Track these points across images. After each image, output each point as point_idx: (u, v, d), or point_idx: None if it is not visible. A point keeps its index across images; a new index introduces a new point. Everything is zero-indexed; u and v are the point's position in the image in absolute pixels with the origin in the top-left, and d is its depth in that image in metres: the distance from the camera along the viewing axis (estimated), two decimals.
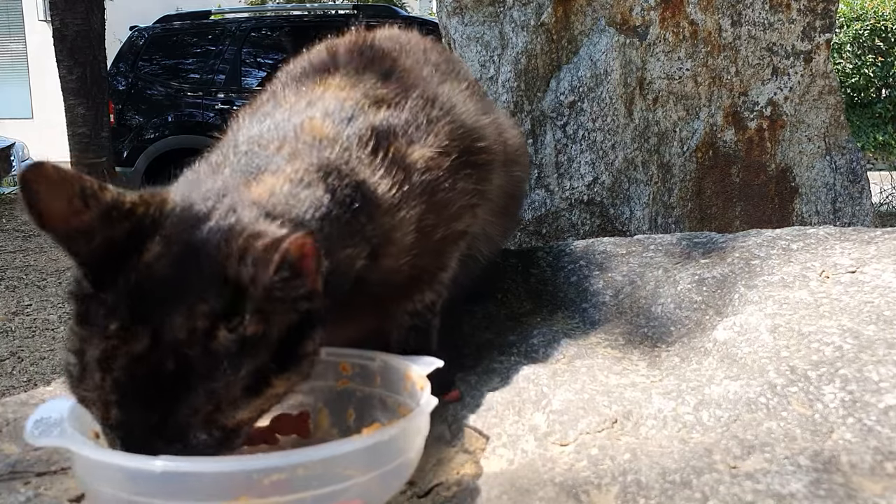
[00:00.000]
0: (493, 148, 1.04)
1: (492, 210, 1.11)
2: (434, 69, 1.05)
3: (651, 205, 2.27)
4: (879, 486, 0.66)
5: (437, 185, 0.90)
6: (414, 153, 0.90)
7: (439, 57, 1.13)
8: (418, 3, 16.55)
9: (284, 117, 0.88)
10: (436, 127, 0.93)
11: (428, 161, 0.90)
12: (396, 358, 0.89)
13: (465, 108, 1.01)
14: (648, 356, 1.05)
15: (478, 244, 1.14)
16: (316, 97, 0.92)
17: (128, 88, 6.36)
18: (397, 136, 0.90)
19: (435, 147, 0.92)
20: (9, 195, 5.01)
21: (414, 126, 0.92)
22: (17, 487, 0.82)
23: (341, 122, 0.87)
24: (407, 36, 1.14)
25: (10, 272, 3.17)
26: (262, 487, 0.62)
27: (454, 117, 0.97)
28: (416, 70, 1.01)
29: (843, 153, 2.39)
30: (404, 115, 0.92)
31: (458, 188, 0.94)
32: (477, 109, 1.04)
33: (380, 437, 0.68)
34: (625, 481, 0.73)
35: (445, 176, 0.92)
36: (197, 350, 0.61)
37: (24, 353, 2.37)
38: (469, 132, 0.98)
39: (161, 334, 0.61)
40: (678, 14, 2.25)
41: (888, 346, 0.85)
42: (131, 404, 0.62)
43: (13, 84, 13.43)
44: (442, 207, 0.92)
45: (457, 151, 0.94)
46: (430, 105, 0.95)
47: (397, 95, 0.94)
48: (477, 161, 0.98)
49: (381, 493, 0.71)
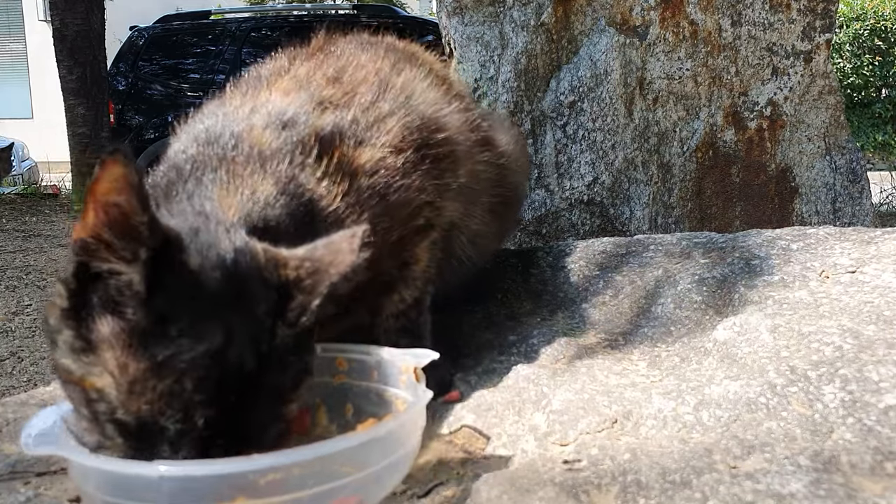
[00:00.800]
0: (455, 138, 0.99)
1: (470, 202, 1.06)
2: (392, 60, 1.00)
3: (651, 205, 2.27)
4: (879, 486, 0.66)
5: (389, 186, 0.86)
6: (362, 156, 0.86)
7: (403, 48, 1.08)
8: (418, 4, 16.55)
9: (226, 122, 0.84)
10: (387, 123, 0.89)
11: (378, 162, 0.86)
12: (392, 351, 0.89)
13: (423, 98, 0.96)
14: (648, 356, 1.05)
15: (461, 241, 1.10)
16: (260, 103, 0.88)
17: (128, 88, 6.36)
18: (343, 140, 0.85)
19: (386, 146, 0.88)
20: (9, 195, 5.01)
21: (363, 125, 0.88)
22: (17, 487, 0.82)
23: (281, 129, 0.83)
24: (375, 38, 1.10)
25: (10, 272, 3.17)
26: (259, 488, 0.62)
27: (409, 109, 0.93)
28: (368, 65, 0.97)
29: (843, 153, 2.39)
30: (350, 115, 0.88)
31: (415, 186, 0.90)
32: (438, 98, 0.99)
33: (375, 433, 0.68)
34: (625, 481, 0.73)
35: (400, 175, 0.88)
36: (265, 347, 0.64)
37: (24, 353, 2.37)
38: (427, 123, 0.94)
39: (233, 332, 0.61)
40: (678, 14, 2.25)
41: (888, 346, 0.85)
42: (218, 403, 0.60)
43: (13, 84, 13.43)
44: (396, 208, 0.88)
45: (413, 146, 0.90)
46: (382, 99, 0.91)
47: (345, 95, 0.90)
48: (438, 154, 0.94)
49: (378, 488, 0.71)
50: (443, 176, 0.95)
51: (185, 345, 0.59)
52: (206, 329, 0.60)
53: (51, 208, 4.67)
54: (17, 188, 5.76)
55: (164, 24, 6.67)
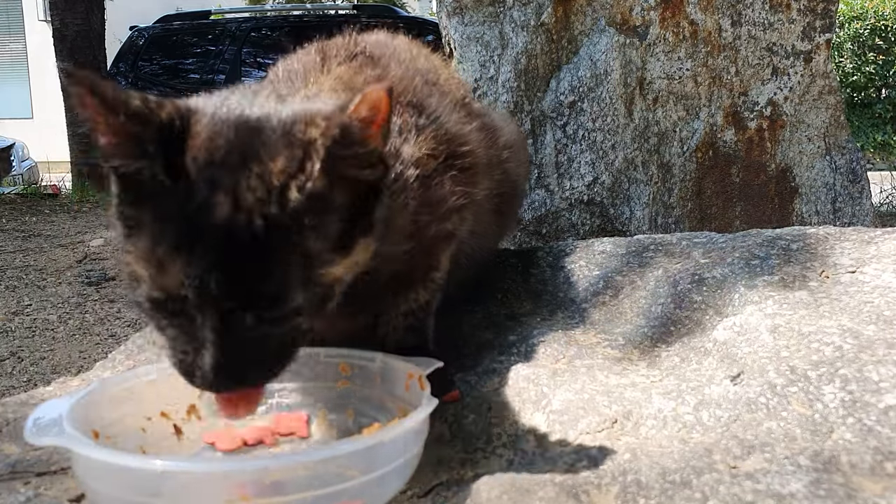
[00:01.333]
0: (477, 152, 1.07)
1: (480, 211, 1.13)
2: (423, 81, 1.09)
3: (651, 205, 2.27)
4: (879, 486, 0.66)
5: (428, 181, 0.94)
6: (406, 150, 0.93)
7: (425, 63, 1.17)
8: (418, 4, 16.55)
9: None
10: (424, 133, 0.97)
11: (418, 159, 0.93)
12: (396, 359, 0.90)
13: (448, 119, 1.05)
14: (648, 356, 1.05)
15: (466, 240, 1.16)
16: (312, 94, 0.93)
17: (128, 88, 6.35)
18: (391, 133, 0.92)
19: (423, 149, 0.95)
20: (9, 195, 5.01)
21: (404, 128, 0.95)
22: (17, 487, 0.82)
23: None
24: (393, 41, 1.18)
25: (10, 272, 3.16)
26: (263, 487, 0.62)
27: (439, 125, 1.01)
28: (405, 80, 1.05)
29: (843, 153, 2.39)
30: (393, 118, 0.95)
31: (447, 188, 0.97)
32: (460, 118, 1.08)
33: (380, 438, 0.68)
34: (625, 481, 0.73)
35: (434, 175, 0.95)
36: (275, 208, 0.64)
37: (24, 353, 2.37)
38: (453, 138, 1.02)
39: (239, 197, 0.64)
40: (678, 14, 2.25)
41: (888, 346, 0.85)
42: (231, 268, 0.63)
43: (13, 84, 13.44)
44: (433, 204, 0.95)
45: (443, 155, 0.98)
46: (418, 114, 0.99)
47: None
48: (463, 164, 1.02)
49: (381, 493, 0.71)
50: (468, 185, 1.03)
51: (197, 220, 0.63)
52: (217, 201, 0.63)
53: (51, 208, 4.66)
54: (17, 188, 5.76)
55: (164, 24, 6.67)
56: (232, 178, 0.64)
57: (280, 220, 0.64)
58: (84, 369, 1.99)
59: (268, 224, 0.64)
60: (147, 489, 0.63)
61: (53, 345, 2.45)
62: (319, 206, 0.66)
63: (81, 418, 0.75)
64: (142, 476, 0.63)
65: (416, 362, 0.87)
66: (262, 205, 0.64)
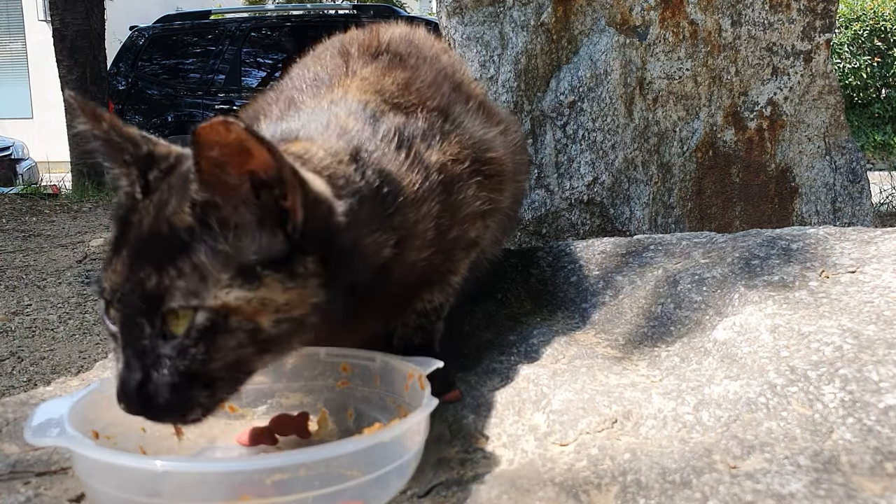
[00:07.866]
0: (503, 159, 1.08)
1: (503, 218, 1.15)
2: (449, 85, 1.09)
3: (651, 205, 2.27)
4: (879, 486, 0.66)
5: (452, 187, 0.95)
6: (431, 156, 0.94)
7: (447, 59, 1.18)
8: (418, 4, 16.55)
9: (308, 117, 0.91)
10: (449, 138, 0.98)
11: (443, 165, 0.94)
12: (397, 358, 0.90)
13: (472, 125, 1.06)
14: (648, 356, 1.05)
15: (488, 248, 1.18)
16: (337, 98, 0.96)
17: (128, 88, 6.36)
18: (416, 139, 0.94)
19: (448, 154, 0.96)
20: (9, 195, 5.01)
21: (430, 134, 0.97)
22: (17, 487, 0.81)
23: (366, 119, 0.92)
24: (416, 36, 1.19)
25: (10, 272, 3.16)
26: (264, 487, 0.62)
27: (464, 130, 1.02)
28: (433, 85, 1.06)
29: (843, 153, 2.39)
30: (420, 123, 0.97)
31: (471, 194, 0.98)
32: (483, 123, 1.09)
33: (381, 438, 0.68)
34: (625, 481, 0.73)
35: (458, 180, 0.96)
36: (181, 224, 0.70)
37: (24, 353, 2.37)
38: (479, 143, 1.03)
39: (161, 210, 0.71)
40: (678, 14, 2.25)
41: (888, 346, 0.85)
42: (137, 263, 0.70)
43: (13, 84, 13.43)
44: (456, 209, 0.96)
45: (469, 160, 0.99)
46: (444, 120, 1.01)
47: (413, 105, 0.99)
48: (488, 171, 1.02)
49: (381, 493, 0.71)
50: (493, 192, 1.04)
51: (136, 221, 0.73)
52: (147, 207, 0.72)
53: (51, 208, 4.66)
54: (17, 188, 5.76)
55: (164, 24, 6.67)
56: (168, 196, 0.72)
57: (181, 234, 0.69)
58: (84, 369, 1.99)
59: (174, 234, 0.69)
60: (147, 489, 0.63)
61: (53, 345, 2.45)
62: (206, 230, 0.70)
63: (81, 418, 0.75)
64: (142, 476, 0.63)
65: (416, 362, 0.87)
66: (173, 216, 0.70)
